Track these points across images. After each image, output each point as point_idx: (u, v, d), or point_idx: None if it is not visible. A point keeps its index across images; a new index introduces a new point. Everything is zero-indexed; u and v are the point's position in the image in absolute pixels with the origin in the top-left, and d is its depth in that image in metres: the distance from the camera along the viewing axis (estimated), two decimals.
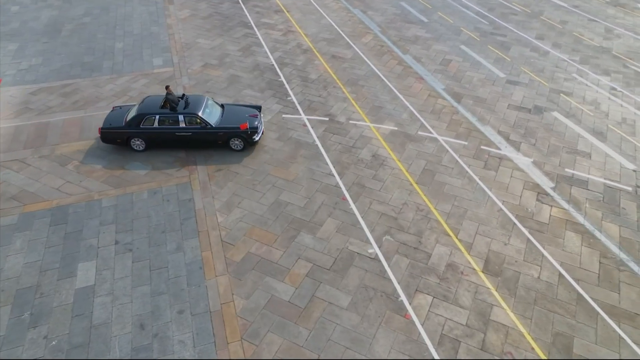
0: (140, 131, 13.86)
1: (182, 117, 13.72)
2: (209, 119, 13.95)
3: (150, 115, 13.72)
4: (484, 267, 10.98)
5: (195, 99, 14.32)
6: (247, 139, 14.15)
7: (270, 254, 11.14)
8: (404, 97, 17.76)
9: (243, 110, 14.85)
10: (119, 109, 14.93)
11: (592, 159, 14.63)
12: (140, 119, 13.76)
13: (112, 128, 13.89)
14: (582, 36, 23.24)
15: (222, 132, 13.98)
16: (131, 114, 14.12)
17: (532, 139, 15.58)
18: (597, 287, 10.50)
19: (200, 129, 13.86)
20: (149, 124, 13.79)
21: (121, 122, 14.07)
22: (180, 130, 13.84)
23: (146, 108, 13.93)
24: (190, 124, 13.80)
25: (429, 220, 12.24)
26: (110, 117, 14.37)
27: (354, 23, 24.34)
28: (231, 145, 14.37)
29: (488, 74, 19.57)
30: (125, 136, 13.90)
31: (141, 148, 14.27)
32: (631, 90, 18.47)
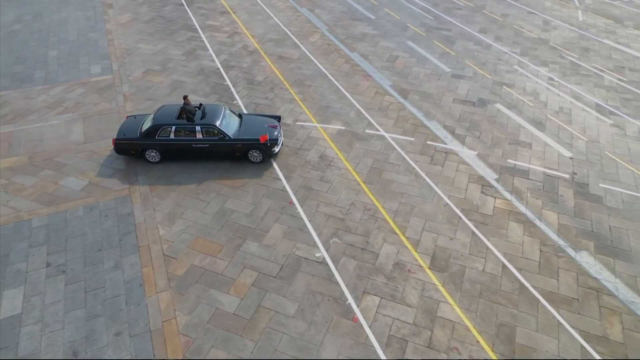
0: (156, 142, 13.40)
1: (199, 127, 13.23)
2: (226, 130, 13.47)
3: (167, 126, 13.27)
4: (430, 263, 11.02)
5: (212, 109, 13.84)
6: (266, 150, 13.62)
7: (214, 265, 10.78)
8: (351, 96, 17.69)
9: (262, 121, 14.37)
10: (132, 119, 14.42)
11: (533, 149, 15.02)
12: (155, 129, 13.30)
13: (126, 139, 13.44)
14: (522, 29, 23.92)
15: (241, 143, 13.48)
16: (146, 125, 13.64)
17: (476, 131, 15.85)
18: (538, 275, 10.74)
19: (217, 141, 13.40)
20: (165, 135, 13.35)
21: (136, 132, 13.60)
22: (197, 141, 13.41)
23: (162, 118, 13.47)
24: (208, 135, 13.33)
25: (376, 220, 12.19)
26: (124, 128, 13.89)
27: (301, 22, 24.10)
28: (249, 157, 13.83)
29: (434, 69, 19.80)
30: (140, 147, 13.47)
31: (156, 160, 13.83)
32: (567, 79, 19.13)
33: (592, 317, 9.79)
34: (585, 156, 14.71)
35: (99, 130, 15.06)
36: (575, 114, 16.86)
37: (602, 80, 19.10)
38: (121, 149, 13.57)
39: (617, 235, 11.85)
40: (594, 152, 14.87)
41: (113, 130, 15.09)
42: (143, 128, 13.62)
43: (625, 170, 14.09)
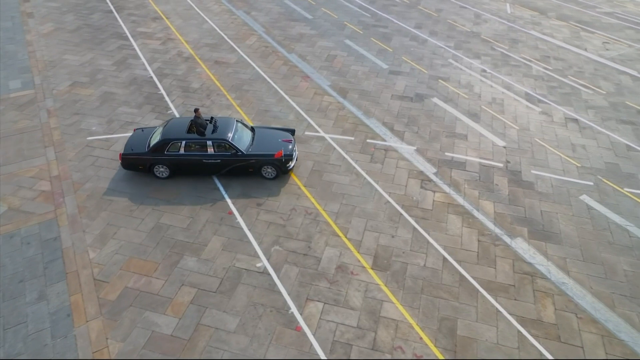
0: (165, 157, 12.80)
1: (210, 142, 12.64)
2: (239, 144, 12.87)
3: (176, 141, 12.66)
4: (373, 263, 10.99)
5: (224, 122, 13.27)
6: (281, 167, 13.04)
7: (150, 285, 10.25)
8: (290, 98, 17.47)
9: (275, 135, 13.75)
10: (140, 132, 13.73)
11: (469, 140, 15.38)
12: (165, 144, 12.70)
13: (134, 154, 12.86)
14: (456, 23, 24.56)
15: (254, 159, 12.89)
16: (155, 139, 13.03)
17: (414, 126, 16.05)
18: (477, 266, 10.95)
19: (229, 156, 12.83)
20: (175, 150, 12.77)
21: (144, 147, 12.99)
22: (209, 157, 12.82)
23: (171, 132, 12.86)
24: (219, 150, 12.77)
25: (318, 223, 12.04)
26: (131, 142, 13.26)
27: (237, 25, 23.61)
28: (263, 173, 13.28)
29: (372, 66, 19.92)
30: (149, 163, 12.88)
31: (165, 175, 13.23)
32: (498, 70, 19.79)
33: (527, 302, 10.07)
34: (518, 144, 15.22)
35: (19, 150, 14.04)
36: (507, 104, 17.43)
37: (530, 70, 19.89)
38: (128, 164, 13.00)
39: (547, 219, 12.30)
40: (525, 140, 15.42)
41: (36, 150, 14.11)
42: (151, 142, 13.04)
43: (553, 156, 14.69)
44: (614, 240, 11.62)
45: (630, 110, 17.02)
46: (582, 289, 10.39)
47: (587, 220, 12.24)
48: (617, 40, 22.54)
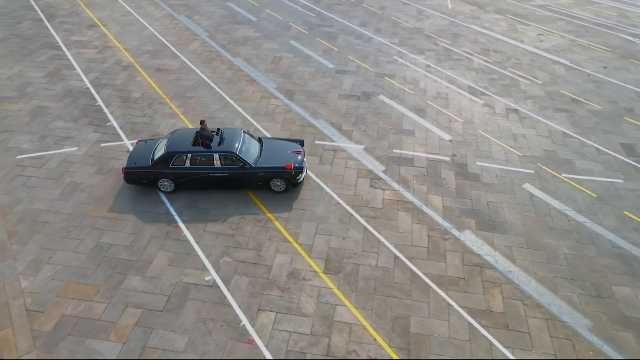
0: (170, 171, 12.29)
1: (217, 155, 12.13)
2: (246, 157, 12.41)
3: (181, 154, 12.14)
4: (325, 267, 10.85)
5: (230, 134, 12.78)
6: (290, 179, 12.52)
7: (90, 310, 9.66)
8: (235, 103, 17.08)
9: (284, 146, 13.32)
10: (143, 144, 13.24)
11: (416, 136, 15.55)
12: (170, 157, 12.20)
13: (137, 167, 12.36)
14: (399, 19, 24.88)
15: (263, 172, 12.41)
16: (159, 152, 12.53)
17: (362, 125, 16.06)
18: (428, 261, 11.04)
19: (237, 169, 12.34)
20: (180, 163, 12.27)
21: (147, 160, 12.52)
22: (215, 170, 12.33)
23: (176, 145, 12.38)
24: (226, 163, 12.28)
25: (268, 230, 11.78)
26: (134, 155, 12.78)
27: (179, 30, 22.90)
28: (272, 186, 12.79)
29: (318, 67, 19.82)
30: (153, 177, 12.36)
31: (170, 189, 12.72)
32: (442, 65, 20.17)
33: (476, 293, 10.24)
34: (463, 137, 15.53)
35: None
36: (452, 98, 17.78)
37: (472, 63, 20.41)
38: (132, 178, 12.48)
39: (493, 209, 12.59)
40: (470, 133, 15.76)
41: None
42: (155, 155, 12.54)
43: (496, 147, 15.09)
44: (555, 226, 12.03)
45: (565, 99, 17.77)
46: (527, 275, 10.68)
47: (529, 208, 12.62)
48: (550, 31, 23.53)
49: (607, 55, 21.13)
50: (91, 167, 13.65)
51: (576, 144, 15.22)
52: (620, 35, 23.09)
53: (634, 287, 10.38)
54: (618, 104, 17.38)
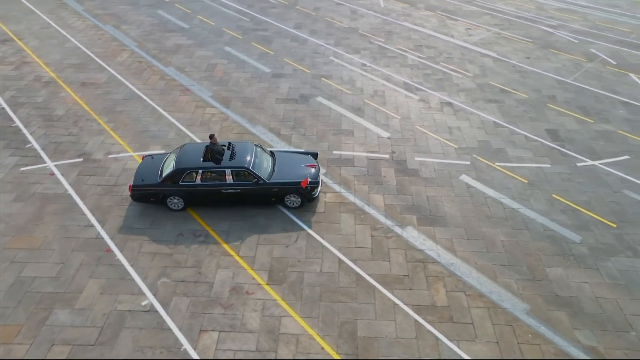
0: (180, 188, 11.68)
1: (229, 170, 11.51)
2: (260, 172, 11.82)
3: (192, 170, 11.52)
4: (268, 278, 10.50)
5: (242, 148, 12.21)
6: (306, 195, 11.98)
7: (11, 354, 8.79)
8: (169, 114, 16.34)
9: (297, 159, 12.73)
10: (150, 159, 12.64)
11: (355, 136, 15.50)
12: (179, 174, 11.58)
13: (145, 185, 11.77)
14: (334, 20, 24.88)
15: (277, 187, 11.82)
16: (168, 168, 11.91)
17: (301, 129, 15.82)
18: (372, 262, 10.95)
19: (250, 185, 11.74)
20: (190, 180, 11.66)
21: (155, 177, 11.90)
22: (227, 186, 11.70)
23: (186, 161, 11.77)
24: (239, 179, 11.67)
25: (208, 246, 11.27)
26: (141, 171, 12.16)
27: (106, 41, 21.69)
28: (286, 202, 12.21)
29: (254, 72, 19.39)
30: (161, 194, 11.77)
31: (179, 207, 12.12)
32: (377, 63, 20.33)
33: (421, 289, 10.26)
34: (401, 134, 15.66)
35: None
36: (388, 95, 17.92)
37: (406, 60, 20.71)
38: (139, 196, 11.91)
39: (433, 203, 12.72)
40: (407, 129, 15.92)
41: None
42: (164, 172, 11.92)
43: (433, 141, 15.33)
44: (491, 214, 12.33)
45: (494, 90, 18.38)
46: (469, 266, 10.84)
47: (467, 199, 12.87)
48: (477, 25, 24.36)
49: (529, 46, 22.13)
50: (9, 194, 12.54)
51: (507, 133, 15.75)
52: (539, 27, 24.27)
53: (564, 267, 10.79)
54: (541, 92, 18.19)
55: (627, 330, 9.40)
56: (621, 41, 22.53)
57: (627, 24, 24.50)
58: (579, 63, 20.49)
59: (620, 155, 14.61)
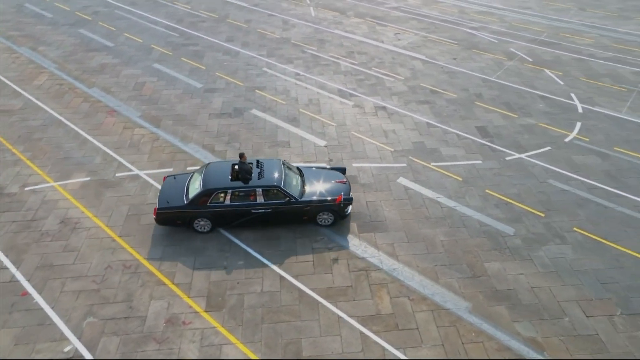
0: (208, 210, 11.04)
1: (260, 190, 10.93)
2: (291, 190, 11.24)
3: (221, 190, 10.89)
4: (207, 305, 9.79)
5: (270, 165, 11.60)
6: (339, 212, 11.46)
7: None
8: (95, 139, 15.16)
9: (326, 175, 12.19)
10: (172, 180, 11.93)
11: (292, 146, 15.07)
12: (208, 195, 10.93)
13: (171, 208, 11.05)
14: (266, 31, 24.44)
15: (310, 206, 11.29)
16: (194, 189, 11.24)
17: (236, 143, 15.18)
18: (314, 275, 10.52)
19: (282, 204, 11.15)
20: (219, 201, 11.03)
21: (181, 199, 11.22)
22: (258, 206, 11.09)
23: (214, 181, 11.11)
24: (270, 198, 11.07)
25: (139, 276, 10.37)
26: (165, 193, 11.46)
27: (21, 65, 19.99)
28: (318, 220, 11.64)
29: (185, 88, 18.52)
30: (188, 217, 11.09)
31: (206, 229, 11.44)
32: (311, 72, 20.08)
33: (365, 299, 9.93)
34: (337, 141, 15.41)
35: None
36: (323, 103, 17.67)
37: (339, 67, 20.61)
38: (164, 219, 11.14)
39: (373, 209, 12.51)
40: (343, 135, 15.71)
41: None
42: (190, 193, 11.24)
43: (370, 146, 15.20)
44: (430, 215, 12.29)
45: (425, 91, 18.65)
46: (411, 270, 10.67)
47: (406, 202, 12.77)
48: (405, 30, 24.79)
49: (455, 47, 22.77)
50: None
51: (440, 133, 15.93)
52: (462, 29, 25.09)
53: (501, 260, 10.88)
54: (469, 91, 18.66)
55: (561, 317, 9.55)
56: (535, 40, 23.72)
57: (539, 24, 25.89)
58: (500, 62, 21.29)
59: (543, 147, 15.16)
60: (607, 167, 14.15)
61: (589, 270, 10.63)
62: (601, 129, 16.11)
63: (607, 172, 13.93)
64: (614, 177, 13.73)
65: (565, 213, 12.32)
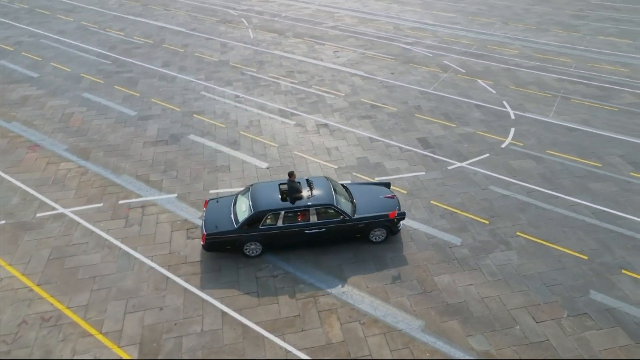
0: (261, 233, 10.46)
1: (313, 209, 10.46)
2: (344, 208, 10.75)
3: (274, 211, 10.36)
4: (140, 352, 8.65)
5: (319, 184, 11.13)
6: (392, 227, 11.06)
7: None
8: (12, 177, 13.60)
9: (374, 191, 11.77)
10: (215, 204, 11.33)
11: (232, 171, 14.23)
12: (260, 217, 10.35)
13: (222, 233, 10.39)
14: (204, 55, 23.60)
15: (364, 222, 10.80)
16: (243, 212, 10.67)
17: (173, 171, 14.13)
18: (259, 307, 9.65)
19: (337, 222, 10.66)
20: (271, 223, 10.46)
21: (229, 222, 10.62)
22: (312, 226, 10.57)
23: (264, 202, 10.56)
24: (323, 217, 10.59)
25: (60, 328, 9.07)
26: (211, 218, 10.79)
27: None
28: (371, 237, 11.18)
29: (118, 117, 17.25)
30: (239, 241, 10.49)
31: (256, 253, 10.86)
32: (251, 93, 19.41)
33: (314, 328, 9.18)
34: (279, 162, 14.74)
35: None
36: (264, 124, 17.00)
37: (279, 87, 20.09)
38: (214, 245, 10.46)
39: None
40: (286, 155, 15.06)
41: None
42: (239, 216, 10.64)
43: (313, 164, 14.63)
44: None
45: (366, 106, 18.46)
46: (360, 291, 10.05)
47: None
48: (344, 48, 24.79)
49: (392, 62, 22.95)
50: None
51: (382, 147, 15.66)
52: (398, 44, 25.45)
53: (450, 273, 10.52)
54: (408, 104, 18.67)
55: (512, 325, 9.24)
56: (466, 52, 24.42)
57: (468, 37, 26.77)
58: (436, 74, 21.61)
59: (482, 154, 15.23)
60: (542, 170, 14.37)
61: (534, 275, 10.47)
62: (533, 134, 16.49)
63: (543, 175, 14.13)
64: (549, 179, 13.94)
65: (508, 218, 12.24)
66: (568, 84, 20.57)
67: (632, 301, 9.86)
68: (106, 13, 30.34)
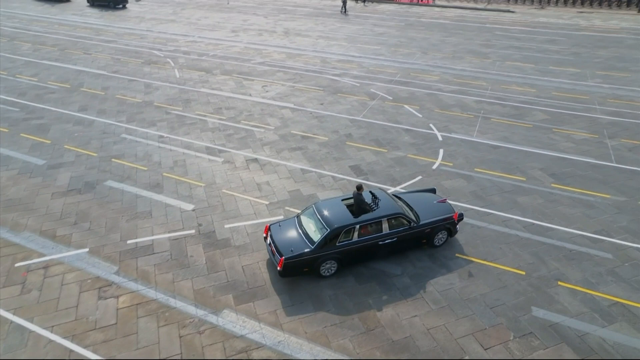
0: (338, 250, 9.94)
1: (385, 219, 10.24)
2: (410, 215, 10.77)
3: (349, 227, 9.95)
4: None
5: (379, 195, 11.04)
6: (452, 229, 11.18)
7: None
8: None
9: (426, 197, 11.89)
10: (279, 227, 10.63)
11: (154, 216, 12.70)
12: (336, 234, 9.85)
13: (300, 255, 9.75)
14: (126, 97, 21.96)
15: (429, 227, 10.77)
16: (315, 232, 10.09)
17: (85, 223, 12.35)
18: None
19: (406, 230, 10.53)
20: (347, 238, 10.01)
21: (304, 245, 9.95)
22: (385, 236, 10.32)
23: (337, 219, 10.10)
24: (393, 227, 10.39)
25: None
26: (283, 242, 10.12)
27: None
28: (435, 242, 11.14)
29: (22, 167, 15.15)
30: (317, 261, 9.88)
31: (332, 272, 10.28)
32: (176, 132, 18.06)
33: None
34: (207, 202, 13.43)
35: None
36: (190, 163, 15.66)
37: (206, 124, 18.92)
38: (292, 269, 9.76)
39: (250, 274, 10.62)
40: (214, 195, 13.80)
41: None
42: (313, 237, 10.03)
43: (243, 202, 13.48)
44: None
45: (296, 137, 17.75)
46: (298, 339, 8.87)
47: None
48: (273, 82, 24.26)
49: (321, 93, 22.68)
50: None
51: (315, 178, 14.88)
52: (326, 76, 25.37)
53: (393, 305, 9.66)
54: (339, 132, 18.22)
55: (461, 356, 8.47)
56: (391, 80, 24.80)
57: (392, 66, 27.37)
58: (364, 102, 21.54)
59: (415, 177, 14.90)
60: (473, 188, 14.23)
61: (477, 297, 9.88)
62: (460, 153, 16.53)
63: (474, 193, 13.96)
64: (481, 196, 13.79)
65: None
66: (486, 105, 21.27)
67: (572, 313, 9.51)
68: (17, 59, 27.84)
